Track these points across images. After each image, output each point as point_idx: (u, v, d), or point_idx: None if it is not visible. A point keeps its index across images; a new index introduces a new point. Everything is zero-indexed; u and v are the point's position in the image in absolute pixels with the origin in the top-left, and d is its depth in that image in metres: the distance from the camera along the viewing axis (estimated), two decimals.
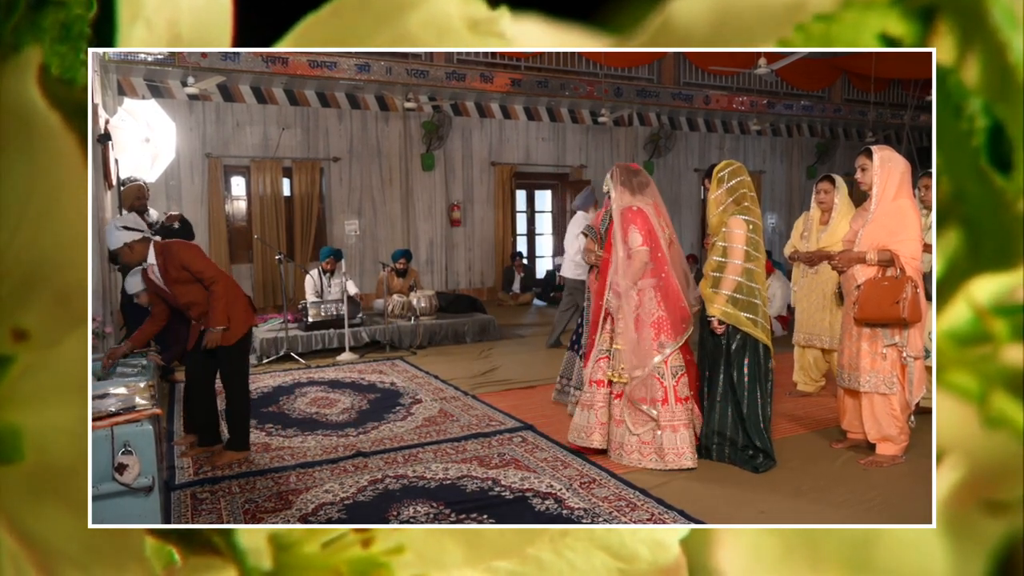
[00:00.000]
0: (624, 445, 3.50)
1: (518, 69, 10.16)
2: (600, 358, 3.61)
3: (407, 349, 6.62)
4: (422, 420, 4.35)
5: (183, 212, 8.69)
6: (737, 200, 3.51)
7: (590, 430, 3.60)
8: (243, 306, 3.59)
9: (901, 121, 13.08)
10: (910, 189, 3.50)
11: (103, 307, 5.39)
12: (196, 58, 8.14)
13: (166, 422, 4.25)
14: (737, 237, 3.44)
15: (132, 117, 6.37)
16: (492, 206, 10.56)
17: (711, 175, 3.60)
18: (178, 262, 3.45)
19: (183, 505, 3.10)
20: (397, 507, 3.02)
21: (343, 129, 9.44)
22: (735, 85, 11.90)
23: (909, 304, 3.28)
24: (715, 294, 3.47)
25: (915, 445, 3.54)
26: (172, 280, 3.48)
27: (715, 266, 3.49)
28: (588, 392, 3.64)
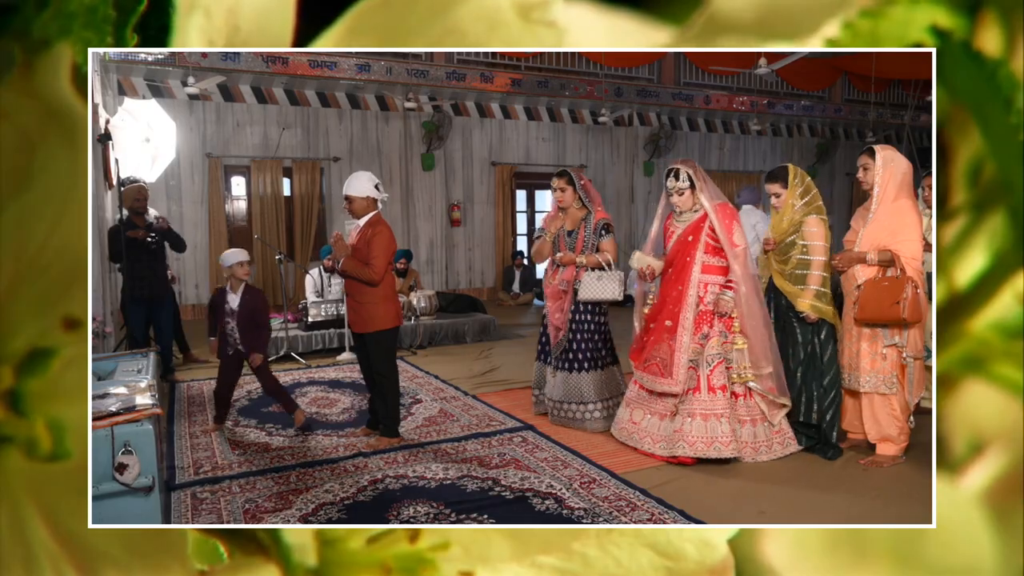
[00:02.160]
0: (763, 441, 3.54)
1: (518, 69, 10.16)
2: (716, 364, 3.51)
3: (407, 349, 6.62)
4: (422, 420, 4.35)
5: (183, 212, 8.72)
6: (809, 201, 3.61)
7: (725, 440, 3.44)
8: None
9: (901, 121, 13.08)
10: (912, 190, 3.51)
11: (103, 307, 5.39)
12: (196, 58, 8.15)
13: (166, 422, 4.25)
14: (817, 235, 3.55)
15: (132, 117, 6.37)
16: (492, 206, 10.56)
17: (773, 180, 3.69)
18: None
19: (183, 505, 3.10)
20: (397, 507, 3.01)
21: (343, 129, 9.44)
22: (735, 85, 11.90)
23: (909, 304, 3.28)
24: (802, 290, 3.56)
25: (915, 445, 3.54)
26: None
27: (796, 264, 3.58)
28: (706, 400, 3.49)
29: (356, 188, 3.82)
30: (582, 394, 4.06)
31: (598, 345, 4.13)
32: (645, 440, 3.64)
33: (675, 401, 3.53)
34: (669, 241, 3.70)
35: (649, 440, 3.62)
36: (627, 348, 3.96)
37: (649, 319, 3.71)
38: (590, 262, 4.06)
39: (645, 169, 11.48)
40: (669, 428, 3.55)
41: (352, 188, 3.83)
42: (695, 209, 3.61)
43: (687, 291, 3.55)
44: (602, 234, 4.11)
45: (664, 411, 3.58)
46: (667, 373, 3.54)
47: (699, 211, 3.59)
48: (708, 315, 3.52)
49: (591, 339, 4.11)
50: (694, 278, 3.54)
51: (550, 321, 4.22)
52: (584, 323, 4.12)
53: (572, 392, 4.09)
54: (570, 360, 4.12)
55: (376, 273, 3.73)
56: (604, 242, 4.10)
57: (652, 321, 3.68)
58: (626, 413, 3.80)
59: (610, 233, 4.13)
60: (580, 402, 4.07)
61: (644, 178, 11.52)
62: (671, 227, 3.71)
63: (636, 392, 3.77)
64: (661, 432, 3.58)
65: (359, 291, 3.80)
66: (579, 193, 4.18)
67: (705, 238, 3.55)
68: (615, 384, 4.18)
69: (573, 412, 4.09)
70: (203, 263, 8.86)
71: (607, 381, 4.14)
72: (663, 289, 3.69)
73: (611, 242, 4.12)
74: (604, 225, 4.12)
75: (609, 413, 4.03)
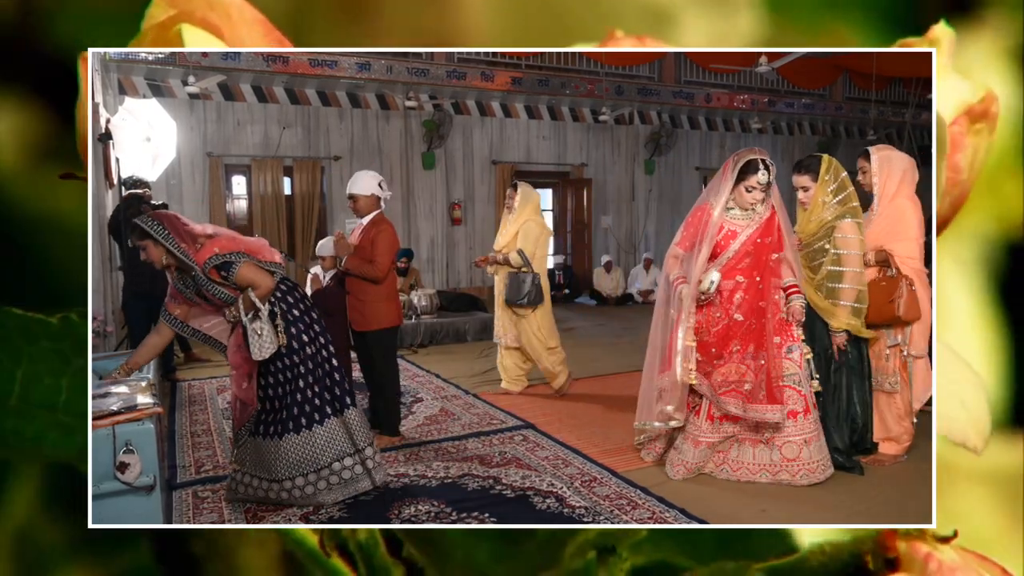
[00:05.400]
0: (805, 464, 3.15)
1: (519, 68, 10.16)
2: (809, 381, 3.17)
3: (408, 348, 6.62)
4: (423, 419, 4.35)
5: (184, 211, 8.71)
6: (843, 201, 3.27)
7: (825, 465, 3.17)
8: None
9: (902, 119, 13.07)
10: (911, 187, 3.44)
11: (104, 307, 5.40)
12: (196, 57, 8.14)
13: (167, 421, 4.26)
14: (852, 243, 3.22)
15: (133, 116, 6.36)
16: (493, 205, 10.55)
17: (802, 171, 3.35)
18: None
19: (185, 504, 3.10)
20: (398, 506, 3.01)
21: (344, 128, 9.44)
22: (736, 83, 11.88)
23: (905, 303, 3.27)
24: (835, 306, 3.25)
25: (916, 446, 3.53)
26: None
27: (827, 275, 3.27)
28: (809, 422, 3.14)
29: (361, 186, 3.82)
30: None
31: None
32: (741, 472, 3.25)
33: (773, 427, 3.14)
34: (729, 243, 3.15)
35: (746, 472, 3.24)
36: (628, 348, 3.95)
37: (720, 340, 3.16)
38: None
39: (646, 167, 11.48)
40: (768, 456, 3.19)
41: (357, 187, 3.83)
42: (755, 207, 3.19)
43: (771, 301, 3.12)
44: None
45: (757, 438, 3.21)
46: (769, 398, 3.05)
47: (758, 208, 3.17)
48: (786, 325, 3.14)
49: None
50: (775, 285, 3.14)
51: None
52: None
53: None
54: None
55: (380, 270, 3.74)
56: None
57: (728, 340, 3.15)
58: (698, 450, 3.25)
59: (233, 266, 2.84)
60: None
61: (645, 177, 11.51)
62: (725, 224, 3.17)
63: (705, 424, 3.23)
64: (757, 461, 3.22)
65: (360, 289, 3.80)
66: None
67: (776, 239, 3.17)
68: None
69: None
70: None
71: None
72: (731, 299, 3.15)
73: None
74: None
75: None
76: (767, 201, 3.15)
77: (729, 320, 3.14)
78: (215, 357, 6.23)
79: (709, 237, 3.11)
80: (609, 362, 5.98)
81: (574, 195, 11.39)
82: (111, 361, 3.43)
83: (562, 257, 10.98)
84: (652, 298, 9.87)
